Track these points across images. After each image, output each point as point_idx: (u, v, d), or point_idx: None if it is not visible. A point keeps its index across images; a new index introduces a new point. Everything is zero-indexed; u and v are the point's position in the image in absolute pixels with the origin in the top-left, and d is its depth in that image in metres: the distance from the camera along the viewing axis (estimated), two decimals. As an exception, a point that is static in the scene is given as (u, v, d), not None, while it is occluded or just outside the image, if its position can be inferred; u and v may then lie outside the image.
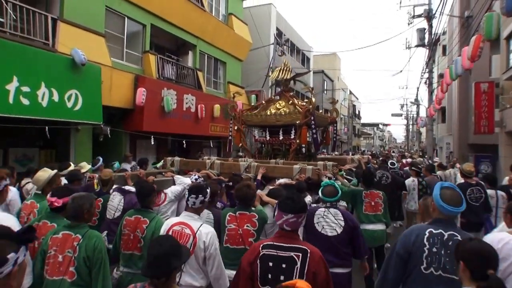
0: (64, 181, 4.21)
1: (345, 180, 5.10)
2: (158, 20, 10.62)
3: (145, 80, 9.24)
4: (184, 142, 10.70)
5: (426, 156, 20.16)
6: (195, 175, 4.43)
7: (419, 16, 19.28)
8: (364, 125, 53.48)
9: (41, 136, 7.51)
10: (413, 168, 6.68)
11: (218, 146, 14.50)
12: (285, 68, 7.12)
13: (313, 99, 6.64)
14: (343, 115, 34.39)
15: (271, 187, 4.06)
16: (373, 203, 4.34)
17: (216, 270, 2.45)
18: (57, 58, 7.38)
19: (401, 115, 38.78)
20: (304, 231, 3.10)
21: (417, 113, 34.65)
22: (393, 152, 32.82)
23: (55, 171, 3.49)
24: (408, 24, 19.95)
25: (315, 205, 3.69)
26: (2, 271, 1.16)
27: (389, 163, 8.20)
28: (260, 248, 2.02)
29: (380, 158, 11.72)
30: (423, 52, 20.22)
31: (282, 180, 4.55)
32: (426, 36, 18.86)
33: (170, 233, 2.49)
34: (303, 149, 6.97)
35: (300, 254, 1.94)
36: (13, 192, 3.75)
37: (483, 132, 11.54)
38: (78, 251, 2.28)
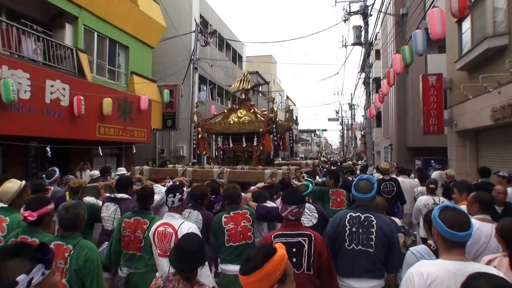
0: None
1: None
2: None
3: (-41, 50, 5.72)
4: (48, 149, 7.26)
5: (364, 160, 19.32)
6: (170, 182, 4.55)
7: (355, 13, 18.21)
8: (301, 131, 53.05)
9: None
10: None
11: (118, 154, 11.11)
12: (244, 78, 7.28)
13: (275, 108, 6.89)
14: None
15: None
16: (338, 200, 4.81)
17: None
18: None
19: (338, 119, 38.62)
20: None
21: (352, 116, 34.46)
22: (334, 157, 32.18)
23: (24, 182, 3.19)
24: (345, 21, 18.74)
25: None
26: None
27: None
28: (272, 238, 2.27)
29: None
30: (359, 55, 19.23)
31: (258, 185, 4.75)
32: (363, 34, 17.82)
33: (155, 235, 2.65)
34: (263, 155, 7.20)
35: (307, 239, 2.23)
36: None
37: (432, 132, 10.04)
38: (69, 263, 2.22)
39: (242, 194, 3.85)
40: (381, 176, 6.44)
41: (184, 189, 2.86)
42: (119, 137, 9.81)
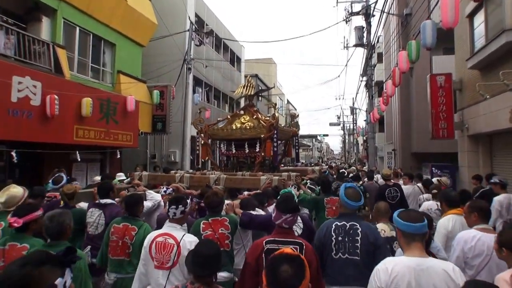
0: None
1: (308, 189, 5.27)
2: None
3: None
4: (13, 154, 6.50)
5: (367, 166, 18.57)
6: (164, 188, 4.56)
7: (357, 13, 17.56)
8: (302, 136, 52.15)
9: None
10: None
11: (102, 159, 10.34)
12: (248, 84, 7.22)
13: (276, 114, 6.79)
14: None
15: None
16: (334, 208, 4.54)
17: None
18: None
19: (339, 124, 37.79)
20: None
21: (353, 120, 33.61)
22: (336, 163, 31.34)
23: (24, 188, 3.25)
24: (346, 22, 18.08)
25: None
26: None
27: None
28: (264, 244, 2.29)
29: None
30: (361, 58, 18.53)
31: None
32: (365, 35, 17.12)
33: (153, 245, 2.54)
34: (267, 161, 7.05)
35: (298, 247, 2.23)
36: None
37: (442, 136, 9.22)
38: None
39: (230, 201, 3.78)
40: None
41: (188, 201, 2.78)
42: (101, 140, 9.05)
